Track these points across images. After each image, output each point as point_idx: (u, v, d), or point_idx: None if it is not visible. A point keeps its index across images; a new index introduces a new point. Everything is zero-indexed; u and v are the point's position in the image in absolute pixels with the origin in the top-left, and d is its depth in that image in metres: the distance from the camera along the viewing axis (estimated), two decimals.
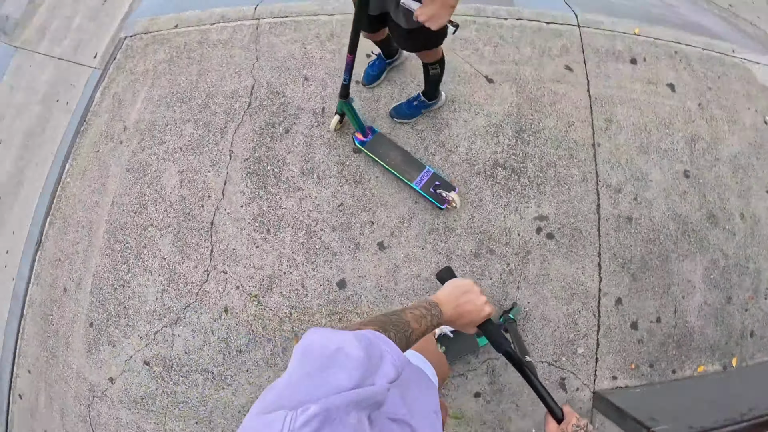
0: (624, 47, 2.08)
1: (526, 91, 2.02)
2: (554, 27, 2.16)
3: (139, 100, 2.37)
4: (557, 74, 2.04)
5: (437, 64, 1.69)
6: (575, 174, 1.94)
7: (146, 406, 2.15)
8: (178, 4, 2.49)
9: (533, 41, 2.11)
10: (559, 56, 2.06)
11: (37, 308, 2.54)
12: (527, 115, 1.99)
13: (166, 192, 2.22)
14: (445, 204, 1.88)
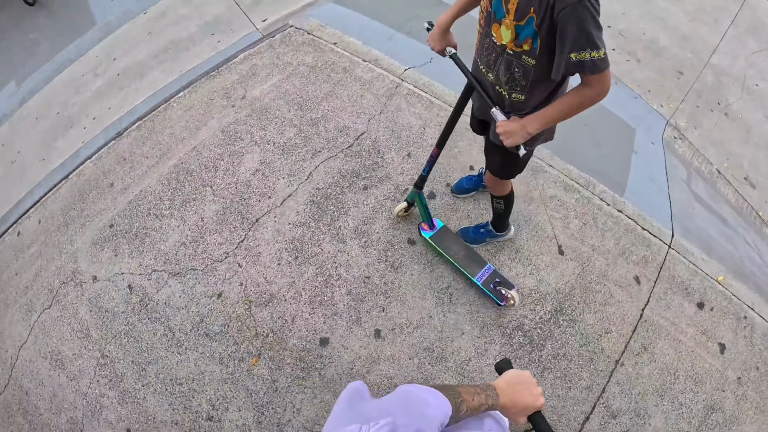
0: (699, 287, 2.20)
1: (587, 279, 2.19)
2: (647, 235, 2.33)
3: (268, 83, 2.79)
4: (624, 280, 2.19)
5: (502, 199, 1.91)
6: (584, 378, 2.06)
7: (105, 318, 2.44)
8: (350, 28, 2.93)
9: (620, 238, 2.29)
10: (635, 264, 2.22)
11: (83, 181, 2.97)
12: (574, 301, 2.15)
13: (239, 170, 2.59)
14: (504, 301, 2.04)
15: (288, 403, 2.10)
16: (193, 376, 2.24)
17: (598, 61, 1.17)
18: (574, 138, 2.64)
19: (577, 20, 1.11)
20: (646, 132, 2.78)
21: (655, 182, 2.53)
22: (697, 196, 2.55)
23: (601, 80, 1.22)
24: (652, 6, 3.50)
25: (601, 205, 2.30)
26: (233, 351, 2.23)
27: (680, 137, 2.81)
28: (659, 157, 2.66)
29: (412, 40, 2.85)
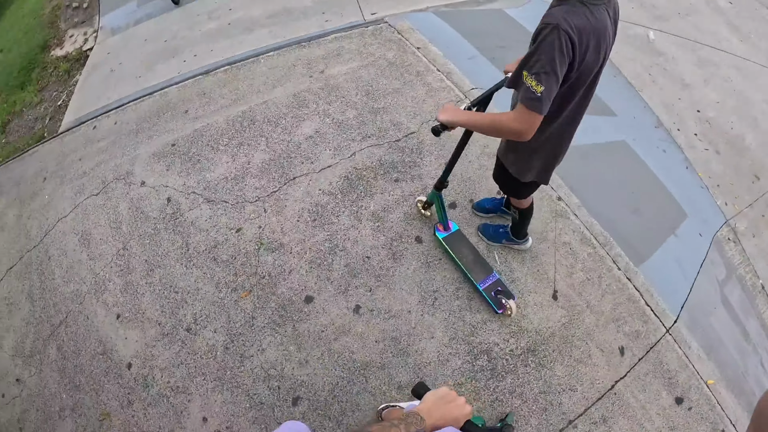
0: (684, 383, 2.23)
1: (571, 331, 2.33)
2: (648, 311, 2.41)
3: (347, 66, 3.29)
4: (608, 346, 2.29)
5: (518, 210, 2.18)
6: (531, 425, 2.17)
7: (138, 218, 2.98)
8: (438, 38, 3.37)
9: (619, 304, 2.40)
10: (625, 335, 2.31)
11: (163, 101, 3.61)
12: (550, 348, 2.29)
13: (295, 132, 3.06)
14: (502, 309, 2.29)
15: (257, 341, 2.46)
16: (190, 289, 2.67)
17: (533, 93, 1.27)
18: (613, 198, 2.83)
19: (543, 40, 1.25)
20: (699, 223, 2.89)
21: (683, 268, 2.62)
22: (726, 301, 2.61)
23: (523, 115, 1.32)
24: (751, 104, 3.59)
25: (612, 267, 2.44)
26: (230, 280, 2.64)
27: (734, 240, 2.88)
28: (700, 250, 2.76)
29: (491, 65, 3.21)
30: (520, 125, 1.35)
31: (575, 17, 1.24)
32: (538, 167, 1.77)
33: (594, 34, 1.29)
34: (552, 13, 1.27)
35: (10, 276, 3.18)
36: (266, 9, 4.57)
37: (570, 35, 1.23)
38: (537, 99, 1.28)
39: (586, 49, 1.30)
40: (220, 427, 2.35)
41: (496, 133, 1.48)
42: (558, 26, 1.22)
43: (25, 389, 2.78)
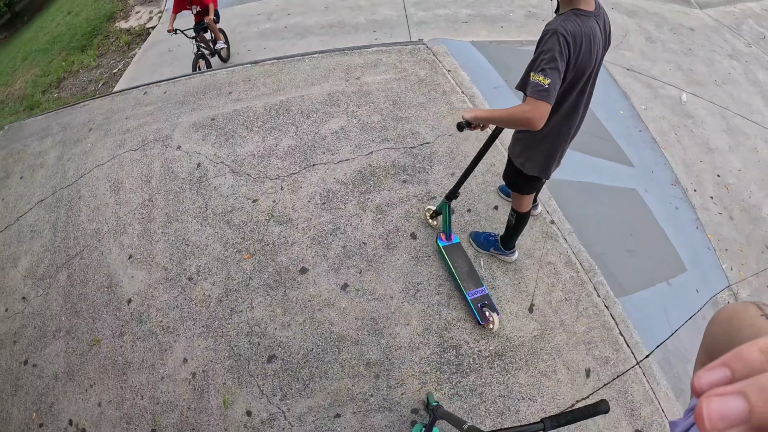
0: (647, 417, 2.40)
1: (541, 345, 2.66)
2: (620, 341, 2.70)
3: (381, 76, 3.93)
4: (575, 365, 2.59)
5: (515, 214, 2.57)
6: (485, 425, 2.55)
7: (168, 176, 3.60)
8: (469, 64, 4.00)
9: (593, 329, 2.70)
10: (594, 359, 2.58)
11: (211, 81, 4.33)
12: (517, 356, 2.64)
13: (323, 126, 3.68)
14: (485, 321, 2.67)
15: (248, 298, 2.95)
16: (199, 244, 3.23)
17: (539, 86, 1.67)
18: (609, 234, 3.23)
19: (545, 44, 1.68)
20: (698, 280, 3.24)
21: (668, 315, 2.95)
22: None
23: (534, 106, 1.70)
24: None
25: (591, 293, 2.81)
26: (237, 242, 3.18)
27: None
28: (693, 304, 3.09)
29: (514, 97, 3.76)
30: (532, 114, 1.71)
31: (569, 24, 1.73)
32: (541, 159, 2.20)
33: (585, 38, 1.77)
34: (550, 23, 1.77)
35: (39, 207, 3.84)
36: (322, 20, 5.39)
37: (566, 37, 1.71)
38: (545, 90, 1.67)
39: (580, 50, 1.77)
40: (197, 369, 2.82)
41: (512, 123, 1.89)
42: (556, 31, 1.70)
43: (28, 307, 3.35)
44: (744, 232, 3.64)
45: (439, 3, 5.37)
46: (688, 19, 6.15)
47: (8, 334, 3.31)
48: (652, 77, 4.74)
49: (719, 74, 5.08)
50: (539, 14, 5.35)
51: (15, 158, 4.45)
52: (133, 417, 2.79)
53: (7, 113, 5.54)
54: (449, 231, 2.90)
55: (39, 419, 2.95)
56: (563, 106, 1.99)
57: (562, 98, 1.94)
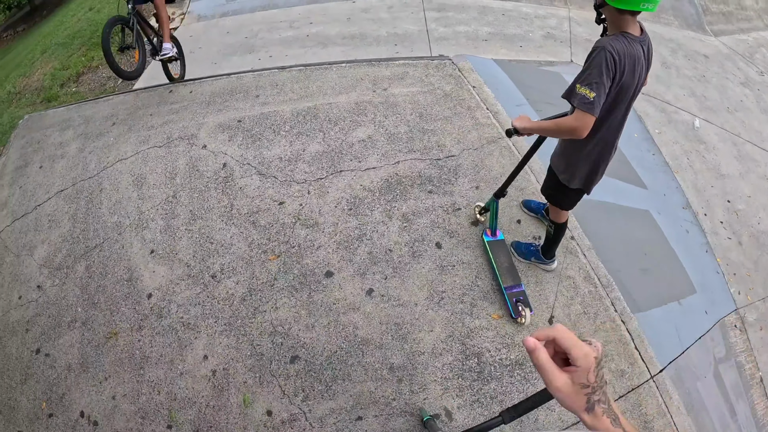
0: (659, 429, 2.51)
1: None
2: (635, 355, 2.76)
3: (408, 89, 4.03)
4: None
5: (554, 225, 2.69)
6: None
7: (193, 175, 3.63)
8: (494, 82, 4.12)
9: (609, 342, 2.76)
10: (609, 371, 2.67)
11: (238, 84, 4.38)
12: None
13: (351, 133, 3.76)
14: (518, 316, 2.78)
15: (273, 299, 2.99)
16: (224, 243, 3.27)
17: (586, 99, 1.82)
18: (625, 253, 3.32)
19: (593, 59, 1.85)
20: (707, 302, 3.34)
21: (679, 334, 3.03)
22: (718, 376, 3.00)
23: (581, 117, 1.86)
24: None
25: (609, 308, 2.89)
26: (263, 243, 3.23)
27: (741, 329, 3.30)
28: (702, 325, 3.19)
29: (535, 116, 3.87)
30: (578, 123, 1.88)
31: (617, 43, 1.87)
32: (585, 172, 2.32)
33: (630, 58, 1.90)
34: (599, 41, 1.92)
35: (59, 197, 3.86)
36: (343, 30, 5.51)
37: (613, 55, 1.85)
38: (590, 102, 1.83)
39: (624, 69, 1.90)
40: (217, 367, 2.84)
41: (558, 133, 2.05)
42: (605, 48, 1.85)
43: (43, 296, 3.35)
44: (752, 258, 3.75)
45: (460, 20, 5.52)
46: (703, 46, 6.36)
47: (21, 321, 3.31)
48: (666, 102, 4.90)
49: (732, 101, 5.26)
50: (557, 35, 5.51)
51: (34, 147, 4.47)
52: (149, 412, 2.80)
53: (24, 104, 5.56)
54: (495, 227, 3.03)
55: (49, 409, 2.94)
56: (608, 121, 2.11)
57: (607, 113, 2.06)
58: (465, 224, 3.20)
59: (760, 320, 3.44)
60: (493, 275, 2.98)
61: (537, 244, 3.02)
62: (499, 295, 2.91)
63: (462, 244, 3.12)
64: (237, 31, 5.82)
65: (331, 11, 5.90)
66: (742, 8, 7.70)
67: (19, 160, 4.42)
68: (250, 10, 6.20)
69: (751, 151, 4.64)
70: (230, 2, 6.43)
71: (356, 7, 5.91)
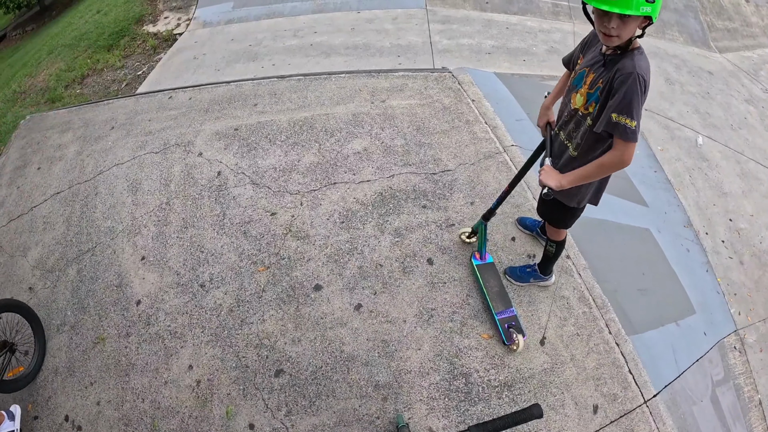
0: None
1: (550, 378, 2.65)
2: (629, 379, 2.69)
3: (406, 101, 4.02)
4: (583, 401, 2.57)
5: (555, 244, 2.63)
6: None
7: (187, 182, 3.62)
8: (493, 95, 4.09)
9: (602, 365, 2.70)
10: (602, 395, 2.56)
11: (237, 92, 4.39)
12: (526, 388, 2.62)
13: (346, 145, 3.74)
14: (510, 342, 2.71)
15: (260, 311, 2.96)
16: (215, 252, 3.25)
17: (629, 128, 1.77)
18: (623, 272, 3.25)
19: (627, 88, 1.76)
20: (706, 323, 3.26)
21: (676, 356, 2.96)
22: (715, 399, 2.92)
23: (625, 148, 1.83)
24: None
25: (603, 330, 2.82)
26: (253, 253, 3.20)
27: (740, 350, 3.22)
28: (701, 347, 3.10)
29: (535, 130, 3.84)
30: (626, 156, 1.85)
31: (642, 61, 1.81)
32: (595, 188, 2.27)
33: (649, 74, 1.84)
34: (625, 65, 1.81)
35: (54, 199, 3.86)
36: (347, 41, 5.51)
37: (645, 79, 1.79)
38: (633, 131, 1.79)
39: (648, 87, 1.83)
40: (201, 377, 2.81)
41: (604, 173, 2.00)
42: (637, 74, 1.77)
43: (34, 298, 3.34)
44: (753, 278, 3.68)
45: (464, 33, 5.51)
46: (708, 63, 6.31)
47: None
48: (670, 119, 4.85)
49: (735, 118, 5.20)
50: (561, 50, 5.48)
51: (34, 148, 4.49)
52: (132, 419, 2.77)
53: (28, 104, 5.61)
54: (484, 250, 2.97)
55: (34, 411, 2.92)
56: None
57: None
58: (458, 241, 3.16)
59: (760, 341, 3.36)
60: (483, 299, 2.92)
61: (533, 264, 2.97)
62: (490, 314, 2.86)
63: (454, 260, 3.08)
64: (242, 39, 5.84)
65: (336, 21, 5.92)
66: (747, 25, 7.64)
67: (19, 160, 4.45)
68: (256, 17, 6.23)
69: (755, 169, 4.57)
70: (236, 9, 6.47)
71: (361, 17, 5.92)
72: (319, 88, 4.28)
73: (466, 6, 6.16)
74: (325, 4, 6.25)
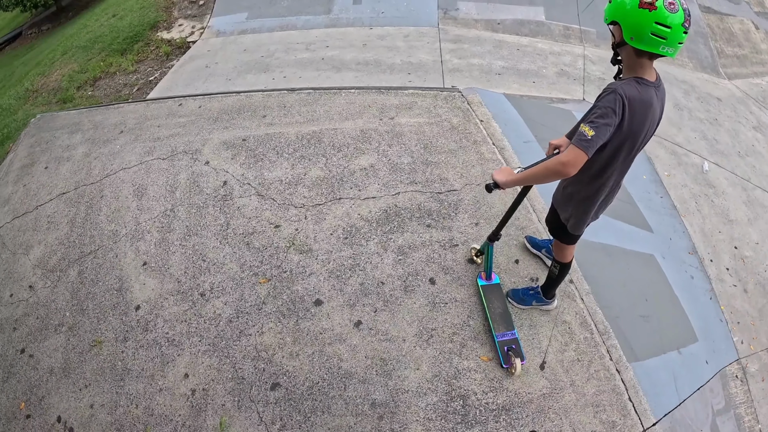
0: None
1: (548, 404, 2.62)
2: (629, 406, 2.66)
3: (414, 119, 4.06)
4: (581, 427, 2.51)
5: (559, 265, 2.62)
6: None
7: (193, 190, 3.66)
8: (502, 117, 4.13)
9: (602, 392, 2.66)
10: (601, 422, 2.50)
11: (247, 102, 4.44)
12: (524, 412, 2.59)
13: (353, 161, 3.76)
14: (508, 364, 2.71)
15: (259, 323, 2.96)
16: (216, 262, 3.26)
17: (584, 135, 1.77)
18: (625, 298, 3.25)
19: (600, 99, 1.82)
20: (708, 351, 3.24)
21: (677, 384, 2.94)
22: (715, 429, 2.88)
23: (571, 153, 1.79)
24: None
25: (604, 356, 2.80)
26: (255, 265, 3.21)
27: (741, 379, 3.20)
28: (702, 375, 3.07)
29: (541, 150, 3.84)
30: (567, 158, 1.81)
31: (629, 88, 1.83)
32: (580, 214, 2.30)
33: (641, 105, 1.86)
34: (611, 83, 1.88)
35: (60, 200, 3.90)
36: (358, 56, 5.58)
37: (623, 99, 1.81)
38: (586, 140, 1.77)
39: (633, 115, 1.85)
40: (197, 386, 2.80)
41: (546, 176, 1.98)
42: (615, 90, 1.81)
43: (33, 296, 3.36)
44: (757, 306, 3.67)
45: (475, 52, 5.57)
46: (716, 89, 6.34)
47: (9, 320, 3.33)
48: (677, 144, 4.86)
49: (743, 145, 5.21)
50: (571, 73, 5.54)
51: (42, 147, 4.55)
52: (125, 424, 2.77)
53: (39, 102, 5.69)
54: (490, 271, 2.97)
55: (27, 410, 2.93)
56: (611, 166, 2.07)
57: (611, 158, 2.03)
58: (461, 261, 3.17)
59: (762, 371, 3.34)
60: (485, 320, 2.92)
61: (536, 286, 2.97)
62: (490, 336, 2.86)
63: (457, 281, 3.08)
64: (254, 50, 5.92)
65: (348, 36, 5.99)
66: (756, 52, 7.70)
67: (27, 158, 4.50)
68: (269, 29, 6.32)
69: (761, 197, 4.57)
70: (250, 20, 6.56)
71: (373, 33, 6.00)
72: (329, 103, 4.33)
73: (477, 26, 6.23)
74: (338, 19, 6.33)
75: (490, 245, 2.84)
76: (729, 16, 8.01)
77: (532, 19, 6.49)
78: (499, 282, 3.01)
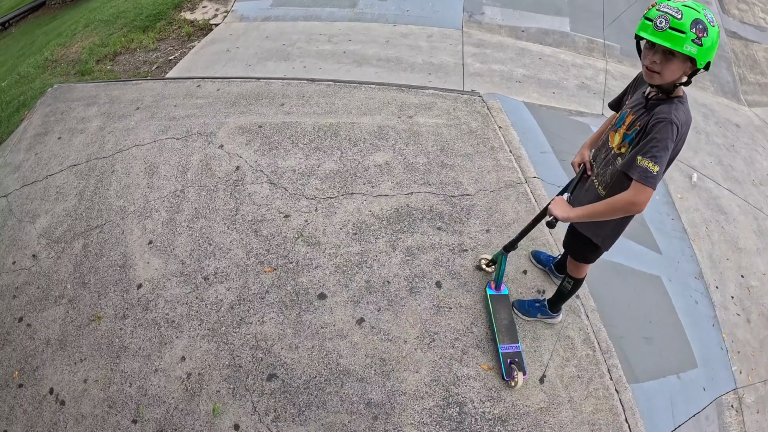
0: None
1: (545, 418, 2.57)
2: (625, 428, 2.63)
3: (433, 120, 4.01)
4: None
5: (572, 280, 2.57)
6: None
7: (204, 173, 3.61)
8: (521, 124, 4.08)
9: (600, 410, 2.62)
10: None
11: (266, 89, 4.39)
12: (521, 425, 2.55)
13: (368, 157, 3.72)
14: (509, 378, 2.67)
15: (260, 312, 2.93)
16: (223, 246, 3.23)
17: (649, 172, 1.73)
18: (630, 318, 3.21)
19: (658, 132, 1.74)
20: (707, 379, 3.18)
21: (673, 409, 2.89)
22: None
23: (640, 191, 1.76)
24: None
25: (604, 375, 2.75)
26: (261, 253, 3.18)
27: (737, 410, 3.14)
28: (698, 402, 3.03)
29: (558, 164, 3.80)
30: (638, 199, 1.79)
31: (680, 114, 1.78)
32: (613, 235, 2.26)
33: (686, 127, 1.82)
34: (662, 110, 1.80)
35: (70, 171, 3.87)
36: (380, 52, 5.52)
37: (679, 128, 1.77)
38: (653, 176, 1.74)
39: (681, 138, 1.82)
40: (193, 370, 2.77)
41: (613, 214, 1.94)
42: (671, 121, 1.75)
43: (36, 266, 3.34)
44: (759, 337, 3.60)
45: (497, 58, 5.50)
46: (736, 115, 6.25)
47: (9, 287, 3.31)
48: (693, 167, 4.79)
49: (758, 174, 5.13)
50: (592, 87, 5.46)
51: (57, 118, 4.52)
52: (117, 402, 2.74)
53: (58, 73, 5.67)
54: (500, 281, 2.92)
55: (20, 379, 2.91)
56: None
57: None
58: (469, 267, 3.12)
59: (759, 403, 3.28)
60: (490, 330, 2.88)
61: (542, 298, 2.92)
62: (493, 345, 2.81)
63: (463, 287, 3.04)
64: (276, 37, 5.87)
65: (371, 31, 5.93)
66: None
67: (41, 127, 4.48)
68: (293, 18, 6.27)
69: None
70: (274, 8, 6.51)
71: (396, 31, 5.94)
72: (348, 96, 4.29)
73: (501, 32, 6.16)
74: (363, 14, 6.27)
75: (504, 255, 2.79)
76: (754, 42, 7.89)
77: (557, 29, 6.41)
78: (507, 293, 2.96)
